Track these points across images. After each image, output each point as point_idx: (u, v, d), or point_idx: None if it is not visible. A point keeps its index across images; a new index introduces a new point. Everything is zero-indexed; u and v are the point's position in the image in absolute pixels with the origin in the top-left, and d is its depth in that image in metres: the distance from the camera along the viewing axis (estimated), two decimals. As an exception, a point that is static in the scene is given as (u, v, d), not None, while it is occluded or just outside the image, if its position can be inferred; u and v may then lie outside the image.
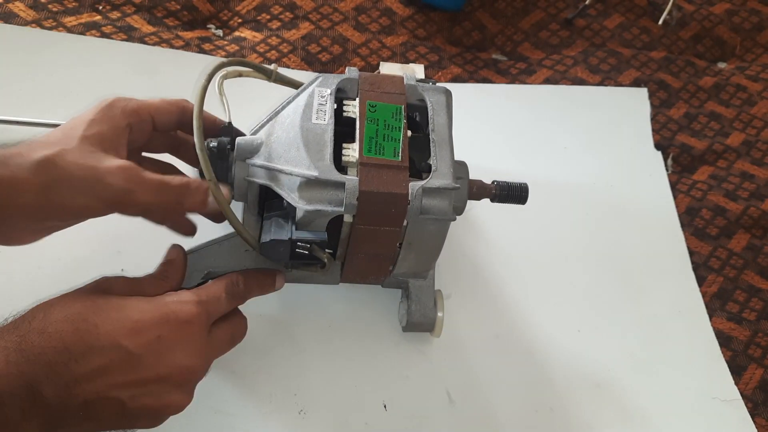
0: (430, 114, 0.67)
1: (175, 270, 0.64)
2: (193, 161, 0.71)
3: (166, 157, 0.71)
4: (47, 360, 0.51)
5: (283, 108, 0.67)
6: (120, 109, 0.62)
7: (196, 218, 0.77)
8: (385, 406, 0.72)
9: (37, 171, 0.55)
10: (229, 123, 0.66)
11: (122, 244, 0.76)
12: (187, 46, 0.95)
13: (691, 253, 0.89)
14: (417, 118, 0.70)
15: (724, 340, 0.83)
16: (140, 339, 0.54)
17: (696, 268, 0.88)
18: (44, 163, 0.55)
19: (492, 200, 0.72)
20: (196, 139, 0.62)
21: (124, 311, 0.55)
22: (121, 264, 0.74)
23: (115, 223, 0.75)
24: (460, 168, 0.69)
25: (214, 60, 0.67)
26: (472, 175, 0.70)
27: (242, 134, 0.67)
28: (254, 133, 0.67)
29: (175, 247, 0.66)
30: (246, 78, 0.70)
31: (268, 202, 0.67)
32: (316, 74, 0.69)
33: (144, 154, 0.69)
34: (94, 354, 0.52)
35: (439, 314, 0.73)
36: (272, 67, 0.71)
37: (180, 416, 0.66)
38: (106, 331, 0.53)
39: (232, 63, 0.68)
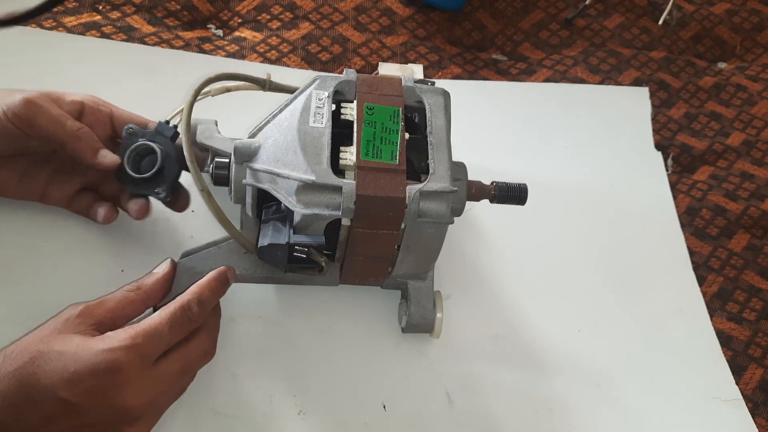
0: (428, 116, 0.67)
1: (154, 283, 0.65)
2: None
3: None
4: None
5: (281, 111, 0.67)
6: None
7: (196, 221, 0.78)
8: (384, 407, 0.72)
9: None
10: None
11: (122, 246, 0.76)
12: (187, 46, 0.95)
13: (691, 253, 0.89)
14: (416, 119, 0.70)
15: (724, 340, 0.83)
16: (76, 390, 0.56)
17: (696, 268, 0.88)
18: None
19: (491, 201, 0.72)
20: (185, 152, 0.63)
21: (62, 361, 0.56)
22: (121, 265, 0.74)
23: (115, 225, 0.75)
24: (459, 169, 0.69)
25: (203, 75, 0.67)
26: (472, 175, 0.70)
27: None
28: (252, 137, 0.67)
29: (165, 261, 0.67)
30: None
31: (265, 206, 0.67)
32: (314, 75, 0.69)
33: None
34: (37, 407, 0.56)
35: (439, 315, 0.73)
36: (265, 76, 0.71)
37: (180, 417, 0.67)
38: (45, 385, 0.55)
39: (221, 78, 0.68)
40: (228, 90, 0.70)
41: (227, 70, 0.70)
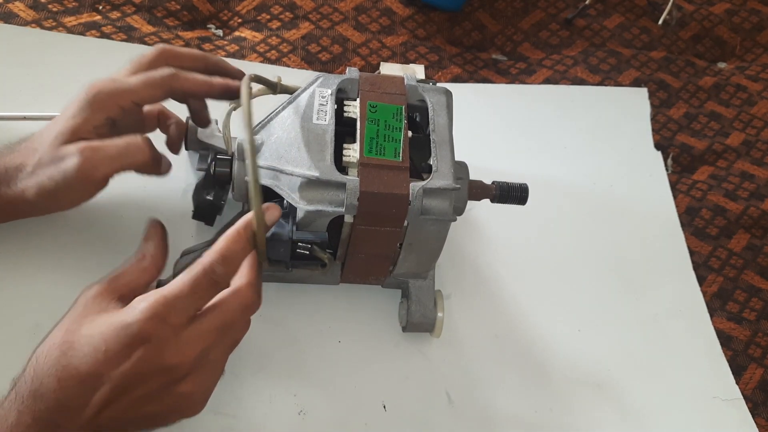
0: (430, 114, 0.67)
1: (155, 246, 0.62)
2: (172, 135, 0.75)
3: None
4: (53, 420, 0.54)
5: (284, 108, 0.67)
6: (99, 104, 0.66)
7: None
8: (384, 407, 0.72)
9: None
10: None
11: (122, 245, 0.75)
12: (187, 46, 0.95)
13: (691, 253, 0.89)
14: (417, 119, 0.70)
15: (724, 340, 0.83)
16: (115, 367, 0.54)
17: (696, 268, 0.88)
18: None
19: (492, 201, 0.72)
20: (249, 176, 0.56)
21: (93, 344, 0.54)
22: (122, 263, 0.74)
23: (116, 224, 0.75)
24: (461, 168, 0.69)
25: (245, 79, 0.62)
26: (472, 175, 0.70)
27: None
28: (255, 134, 0.67)
29: (150, 224, 0.64)
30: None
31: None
32: (317, 74, 0.69)
33: None
34: (85, 396, 0.54)
35: (439, 314, 0.73)
36: (275, 79, 0.71)
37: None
38: (85, 372, 0.54)
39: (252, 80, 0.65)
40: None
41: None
